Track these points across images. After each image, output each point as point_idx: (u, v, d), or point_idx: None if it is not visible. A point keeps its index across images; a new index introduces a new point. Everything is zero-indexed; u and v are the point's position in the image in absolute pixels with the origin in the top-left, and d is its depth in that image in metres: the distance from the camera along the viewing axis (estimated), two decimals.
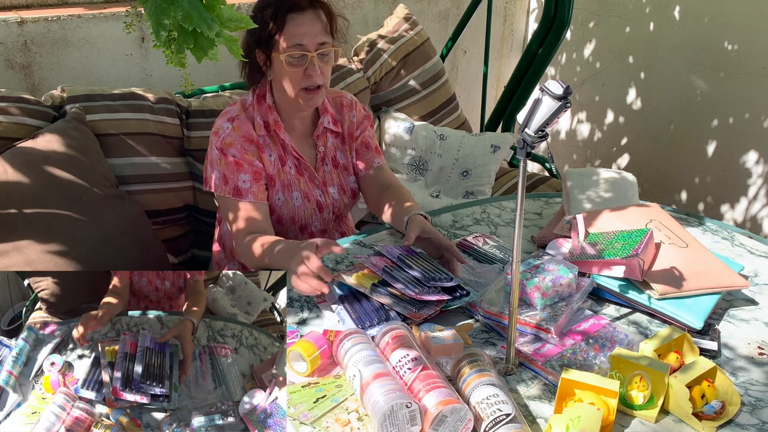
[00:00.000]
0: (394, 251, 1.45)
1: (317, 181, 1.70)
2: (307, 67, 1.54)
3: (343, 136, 1.75)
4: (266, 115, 1.64)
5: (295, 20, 1.53)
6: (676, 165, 3.04)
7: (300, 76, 1.55)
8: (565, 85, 1.01)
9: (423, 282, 1.34)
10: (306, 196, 1.69)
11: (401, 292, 1.33)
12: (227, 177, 1.60)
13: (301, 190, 1.68)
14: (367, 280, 1.37)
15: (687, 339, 1.23)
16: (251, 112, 1.64)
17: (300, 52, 1.53)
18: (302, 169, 1.69)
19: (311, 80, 1.55)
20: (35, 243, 1.69)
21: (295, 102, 1.60)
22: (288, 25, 1.53)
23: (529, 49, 2.73)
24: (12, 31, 2.13)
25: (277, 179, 1.65)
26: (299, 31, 1.52)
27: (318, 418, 1.08)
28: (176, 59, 0.97)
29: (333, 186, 1.73)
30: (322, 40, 1.55)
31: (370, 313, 1.33)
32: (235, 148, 1.60)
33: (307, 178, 1.69)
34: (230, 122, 1.63)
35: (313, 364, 1.18)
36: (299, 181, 1.68)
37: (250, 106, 1.65)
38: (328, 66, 1.58)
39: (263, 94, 1.65)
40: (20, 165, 1.73)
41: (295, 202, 1.68)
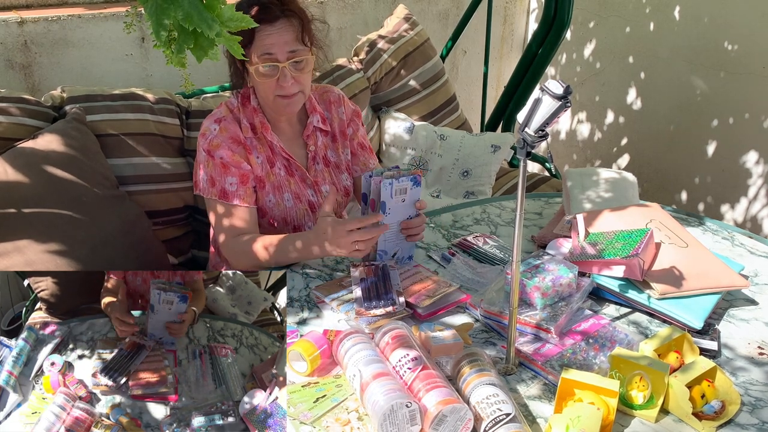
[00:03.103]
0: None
1: (309, 181, 1.70)
2: (278, 77, 1.54)
3: (334, 134, 1.75)
4: (252, 117, 1.64)
5: (264, 31, 1.51)
6: (676, 165, 3.04)
7: (273, 86, 1.55)
8: (565, 84, 1.01)
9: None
10: (297, 197, 1.68)
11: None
12: (214, 179, 1.60)
13: (291, 191, 1.67)
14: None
15: (687, 339, 1.23)
16: (237, 114, 1.64)
17: (270, 63, 1.53)
18: (293, 169, 1.68)
19: (283, 89, 1.55)
20: (35, 243, 1.69)
21: (275, 108, 1.61)
22: (258, 36, 1.52)
23: (529, 49, 2.73)
24: (12, 31, 2.13)
25: (267, 181, 1.65)
26: (268, 42, 1.52)
27: (318, 417, 1.08)
28: (176, 59, 0.97)
29: (325, 185, 1.72)
30: (293, 48, 1.53)
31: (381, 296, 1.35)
32: (222, 149, 1.59)
33: (298, 179, 1.69)
34: (217, 123, 1.62)
35: (313, 364, 1.18)
36: (290, 182, 1.67)
37: (235, 108, 1.65)
38: (304, 73, 1.57)
39: (248, 96, 1.65)
40: (20, 165, 1.73)
41: (287, 203, 1.67)
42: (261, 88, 1.57)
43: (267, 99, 1.59)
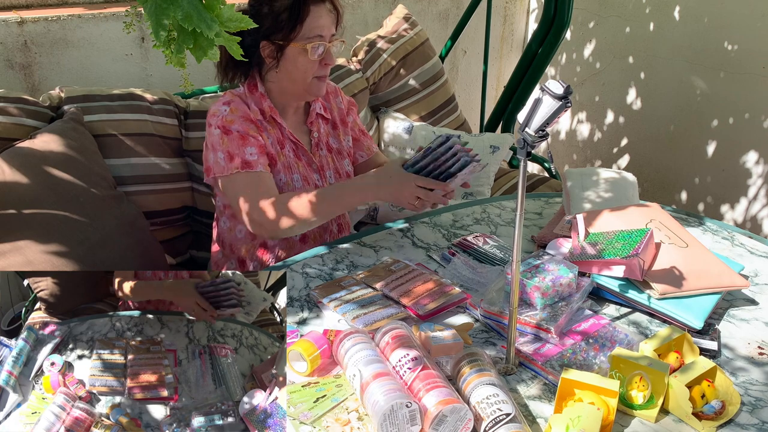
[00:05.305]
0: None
1: (315, 165, 1.73)
2: (324, 56, 1.60)
3: (334, 122, 1.80)
4: (260, 103, 1.67)
5: (315, 12, 1.58)
6: (676, 165, 3.04)
7: (316, 65, 1.61)
8: (565, 84, 1.01)
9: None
10: (306, 180, 1.71)
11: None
12: (233, 153, 1.59)
13: (300, 173, 1.70)
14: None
15: (687, 339, 1.23)
16: (244, 98, 1.67)
17: (319, 43, 1.58)
18: (300, 153, 1.71)
19: (326, 69, 1.63)
20: (34, 243, 1.69)
21: (303, 91, 1.65)
22: (311, 15, 1.57)
23: (529, 49, 2.73)
24: (12, 31, 2.13)
25: (278, 160, 1.67)
26: (320, 23, 1.58)
27: (318, 417, 1.08)
28: (176, 59, 0.97)
29: (329, 170, 1.76)
30: (334, 32, 1.62)
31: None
32: (237, 124, 1.61)
33: (305, 163, 1.72)
34: (227, 105, 1.64)
35: (313, 364, 1.18)
36: (298, 165, 1.70)
37: (242, 94, 1.68)
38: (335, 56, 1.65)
39: (254, 84, 1.67)
40: (18, 165, 1.73)
41: (296, 184, 1.69)
42: (301, 69, 1.61)
43: (303, 81, 1.63)
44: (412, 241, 1.65)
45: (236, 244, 1.76)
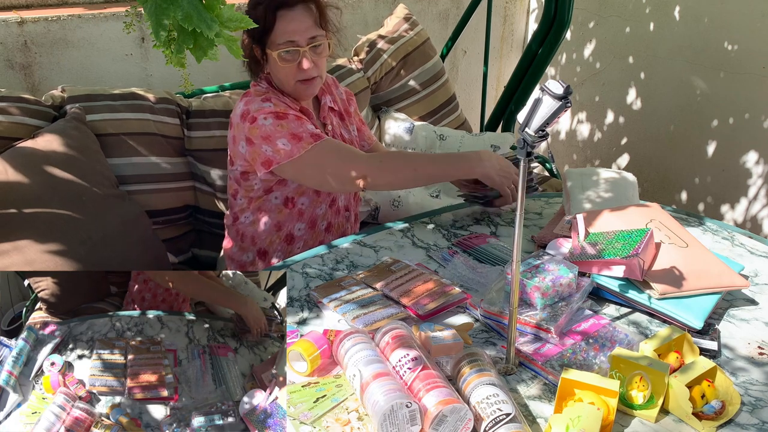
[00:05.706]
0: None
1: None
2: (300, 61, 1.58)
3: (341, 113, 1.82)
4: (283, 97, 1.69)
5: (285, 17, 1.56)
6: (676, 165, 3.04)
7: (294, 70, 1.60)
8: (565, 84, 1.01)
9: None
10: None
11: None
12: (297, 133, 1.58)
13: None
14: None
15: (687, 339, 1.23)
16: (269, 94, 1.67)
17: (292, 48, 1.57)
18: None
19: (305, 74, 1.61)
20: (35, 243, 1.69)
21: (292, 93, 1.66)
22: (279, 22, 1.56)
23: (529, 49, 2.73)
24: (12, 31, 2.13)
25: None
26: (289, 28, 1.56)
27: (318, 417, 1.08)
28: (176, 59, 0.97)
29: None
30: (313, 34, 1.59)
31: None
32: (288, 109, 1.62)
33: None
34: (267, 100, 1.63)
35: (313, 364, 1.18)
36: None
37: (265, 89, 1.68)
38: (322, 58, 1.63)
39: (271, 82, 1.70)
40: (20, 165, 1.73)
41: None
42: (282, 73, 1.61)
43: (287, 84, 1.63)
44: (412, 241, 1.65)
45: (259, 237, 1.78)
